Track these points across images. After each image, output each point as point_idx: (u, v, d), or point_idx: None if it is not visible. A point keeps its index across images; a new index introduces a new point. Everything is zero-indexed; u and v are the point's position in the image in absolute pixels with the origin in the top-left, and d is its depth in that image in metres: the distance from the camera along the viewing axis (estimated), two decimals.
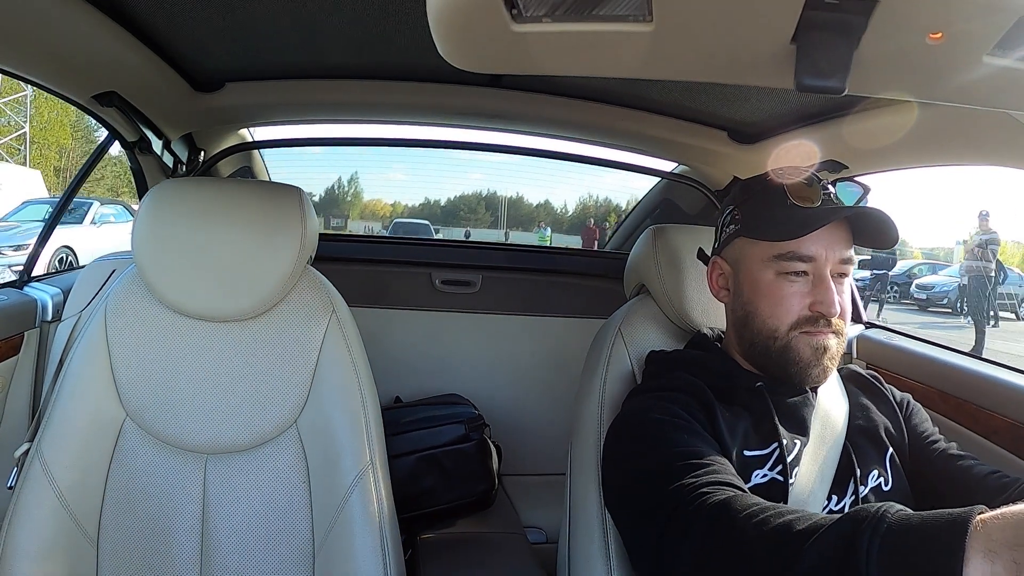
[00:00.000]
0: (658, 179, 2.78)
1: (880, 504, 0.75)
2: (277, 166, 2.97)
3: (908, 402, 1.37)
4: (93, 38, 1.36)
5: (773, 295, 1.20)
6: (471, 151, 2.67)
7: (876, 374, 1.41)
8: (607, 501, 1.23)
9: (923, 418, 1.35)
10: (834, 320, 1.17)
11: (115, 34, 1.40)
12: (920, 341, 1.87)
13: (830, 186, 1.23)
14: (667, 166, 2.56)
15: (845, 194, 1.24)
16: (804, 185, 1.21)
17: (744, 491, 0.98)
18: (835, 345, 1.19)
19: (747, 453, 1.18)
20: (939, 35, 0.68)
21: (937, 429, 1.34)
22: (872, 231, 1.19)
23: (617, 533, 1.24)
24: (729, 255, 1.30)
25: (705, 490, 0.96)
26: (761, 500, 0.92)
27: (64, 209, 2.09)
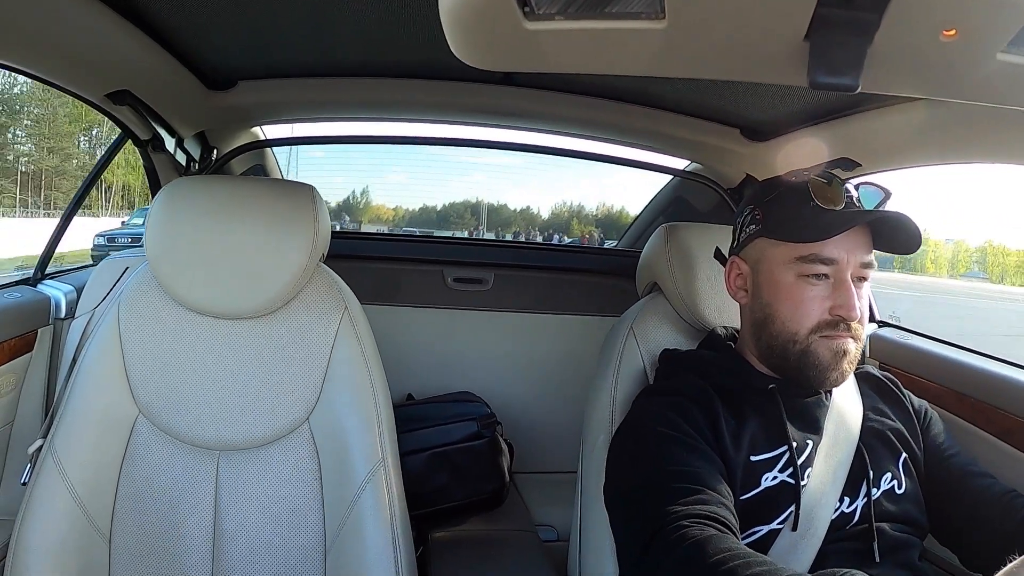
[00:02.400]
0: (670, 177, 2.77)
1: (844, 571, 0.77)
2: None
3: (926, 411, 1.36)
4: (106, 37, 1.37)
5: (794, 297, 1.19)
6: (479, 148, 2.66)
7: (893, 377, 1.40)
8: (605, 499, 1.23)
9: (940, 429, 1.34)
10: (853, 324, 1.17)
11: (128, 33, 1.40)
12: (934, 340, 1.86)
13: (852, 188, 1.22)
14: (679, 164, 2.55)
15: (865, 197, 1.23)
16: (827, 186, 1.20)
17: (726, 525, 1.00)
18: (854, 349, 1.19)
19: (754, 458, 1.18)
20: (953, 32, 0.67)
21: (954, 442, 1.33)
22: (893, 235, 1.18)
23: None
24: (748, 255, 1.29)
25: (687, 523, 0.98)
26: (736, 546, 0.93)
27: (77, 208, 2.10)
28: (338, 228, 2.50)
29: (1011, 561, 0.61)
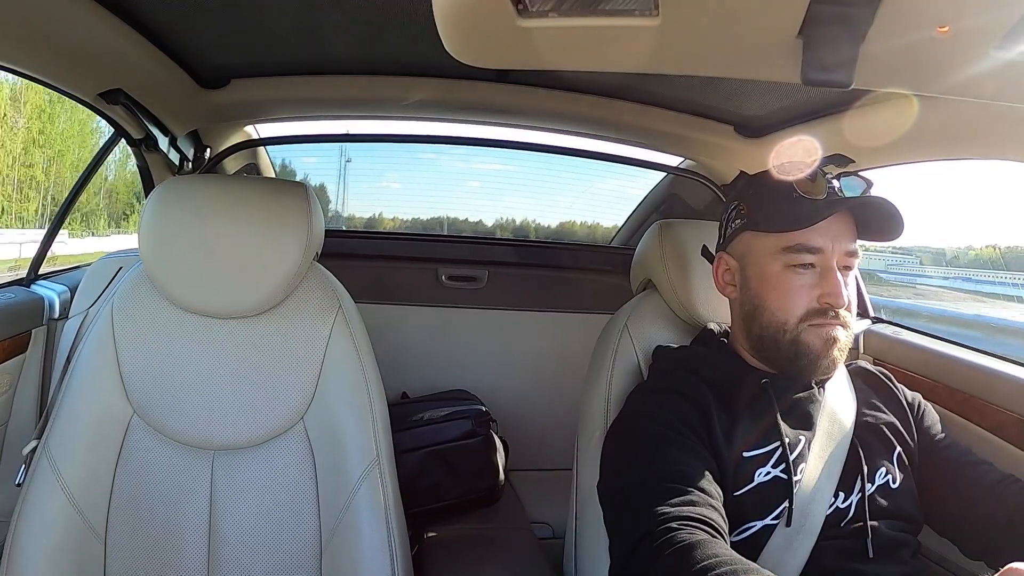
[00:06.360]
0: (664, 174, 2.77)
1: None
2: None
3: (919, 403, 1.36)
4: (99, 35, 1.36)
5: (781, 288, 1.20)
6: (474, 147, 2.66)
7: (886, 371, 1.40)
8: (598, 496, 1.23)
9: (934, 420, 1.35)
10: (841, 312, 1.18)
11: (121, 31, 1.40)
12: (928, 336, 1.86)
13: (834, 180, 1.23)
14: (673, 160, 2.55)
15: (848, 188, 1.24)
16: (809, 179, 1.21)
17: (715, 528, 1.00)
18: (844, 336, 1.20)
19: (747, 454, 1.18)
20: (946, 28, 0.67)
21: (948, 433, 1.34)
22: (878, 223, 1.19)
23: None
24: (735, 250, 1.30)
25: (675, 526, 0.98)
26: (724, 552, 0.93)
27: (70, 209, 2.09)
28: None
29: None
